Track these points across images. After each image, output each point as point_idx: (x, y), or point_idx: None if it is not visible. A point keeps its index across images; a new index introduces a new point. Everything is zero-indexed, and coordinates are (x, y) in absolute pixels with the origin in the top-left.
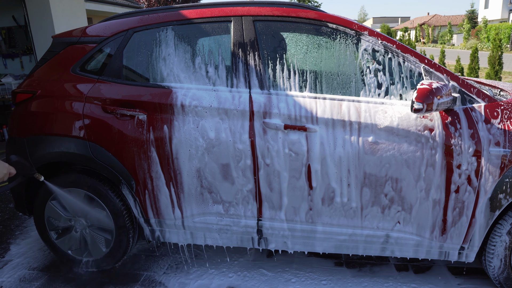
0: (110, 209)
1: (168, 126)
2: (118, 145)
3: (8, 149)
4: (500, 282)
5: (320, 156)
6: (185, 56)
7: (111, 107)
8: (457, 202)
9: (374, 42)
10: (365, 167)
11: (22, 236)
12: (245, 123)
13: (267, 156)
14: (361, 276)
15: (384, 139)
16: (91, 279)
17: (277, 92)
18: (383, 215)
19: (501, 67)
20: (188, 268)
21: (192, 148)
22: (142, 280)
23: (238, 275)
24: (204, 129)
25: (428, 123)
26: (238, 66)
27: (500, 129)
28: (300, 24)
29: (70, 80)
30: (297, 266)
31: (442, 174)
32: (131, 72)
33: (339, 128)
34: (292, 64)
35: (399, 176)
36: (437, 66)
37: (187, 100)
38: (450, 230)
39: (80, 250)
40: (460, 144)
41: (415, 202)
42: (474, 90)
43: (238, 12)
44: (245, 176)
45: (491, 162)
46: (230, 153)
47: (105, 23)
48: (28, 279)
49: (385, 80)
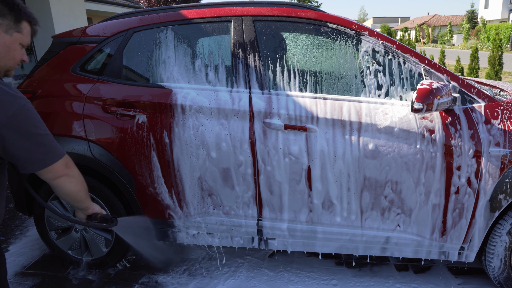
0: (110, 209)
1: (168, 126)
2: (118, 145)
3: None
4: (500, 282)
5: (320, 156)
6: (185, 56)
7: (111, 107)
8: (457, 203)
9: (374, 42)
10: (365, 169)
11: (22, 236)
12: (245, 123)
13: (267, 157)
14: (361, 276)
15: (384, 139)
16: (91, 279)
17: (277, 92)
18: (383, 217)
19: (501, 67)
20: (188, 268)
21: (192, 149)
22: (142, 280)
23: (239, 274)
24: (204, 130)
25: (428, 124)
26: (238, 66)
27: (500, 129)
28: (300, 24)
29: (70, 80)
30: (298, 266)
31: (442, 175)
32: (131, 72)
33: (339, 128)
34: (292, 64)
35: (399, 179)
36: (437, 66)
37: (187, 100)
38: (450, 230)
39: (80, 250)
40: (460, 144)
41: (415, 203)
42: (474, 90)
43: (238, 12)
44: (245, 180)
45: (491, 162)
46: (230, 155)
47: (105, 23)
48: (27, 279)
49: (385, 81)
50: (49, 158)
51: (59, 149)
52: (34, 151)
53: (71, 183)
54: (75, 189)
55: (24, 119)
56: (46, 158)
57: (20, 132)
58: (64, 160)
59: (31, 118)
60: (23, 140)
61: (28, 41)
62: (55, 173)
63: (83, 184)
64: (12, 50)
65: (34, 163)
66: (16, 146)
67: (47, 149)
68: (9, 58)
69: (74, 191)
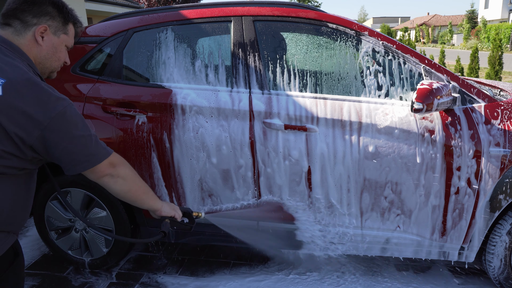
0: (110, 209)
1: (168, 126)
2: (118, 145)
3: None
4: (500, 282)
5: (320, 155)
6: (185, 56)
7: (111, 107)
8: (457, 203)
9: (374, 42)
10: (365, 170)
11: (22, 236)
12: (245, 123)
13: (266, 157)
14: (361, 275)
15: (384, 139)
16: (91, 279)
17: (277, 92)
18: (383, 217)
19: (501, 67)
20: (188, 268)
21: (192, 149)
22: (142, 280)
23: (239, 275)
24: (204, 130)
25: (428, 124)
26: (238, 66)
27: (500, 129)
28: (300, 24)
29: (70, 80)
30: (299, 266)
31: (442, 175)
32: (131, 72)
33: (339, 128)
34: (292, 64)
35: (399, 180)
36: (437, 66)
37: (187, 100)
38: (450, 230)
39: (80, 250)
40: (460, 145)
41: (415, 203)
42: (474, 90)
43: (238, 12)
44: (245, 182)
45: (491, 163)
46: (230, 155)
47: (105, 23)
48: (28, 279)
49: (385, 81)
50: (92, 160)
51: (103, 150)
52: (76, 153)
53: (116, 183)
54: (123, 189)
55: (67, 120)
56: (89, 159)
57: (61, 134)
58: (109, 160)
59: (73, 119)
60: (65, 143)
61: (72, 43)
62: (97, 173)
63: (135, 184)
64: (58, 52)
65: (77, 165)
66: (58, 148)
67: (89, 150)
68: (55, 59)
69: (122, 191)
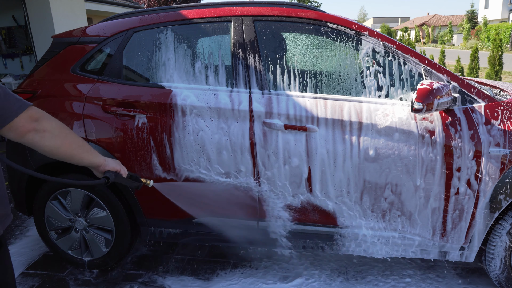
0: (110, 209)
1: (168, 126)
2: (118, 145)
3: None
4: (500, 282)
5: (320, 155)
6: (185, 56)
7: (111, 107)
8: (457, 203)
9: (374, 43)
10: (366, 170)
11: (22, 236)
12: (245, 123)
13: (266, 157)
14: (361, 276)
15: (384, 139)
16: (91, 279)
17: (277, 92)
18: (383, 218)
19: (501, 67)
20: (189, 268)
21: (192, 149)
22: (142, 280)
23: (240, 274)
24: (203, 130)
25: (428, 125)
26: (238, 66)
27: (500, 129)
28: (300, 24)
29: (70, 80)
30: (301, 266)
31: (442, 175)
32: (131, 72)
33: (339, 128)
34: (292, 64)
35: (399, 181)
36: (437, 66)
37: (187, 100)
38: (450, 231)
39: (80, 250)
40: (460, 145)
41: (415, 203)
42: (474, 90)
43: (238, 12)
44: (246, 181)
45: (491, 163)
46: (229, 154)
47: (105, 23)
48: (27, 279)
49: (385, 81)
50: (5, 115)
51: (18, 102)
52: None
53: (43, 138)
54: (53, 144)
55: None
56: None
57: None
58: (27, 113)
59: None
60: None
61: None
62: (18, 131)
63: (67, 138)
64: None
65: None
66: None
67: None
68: None
69: (53, 147)
